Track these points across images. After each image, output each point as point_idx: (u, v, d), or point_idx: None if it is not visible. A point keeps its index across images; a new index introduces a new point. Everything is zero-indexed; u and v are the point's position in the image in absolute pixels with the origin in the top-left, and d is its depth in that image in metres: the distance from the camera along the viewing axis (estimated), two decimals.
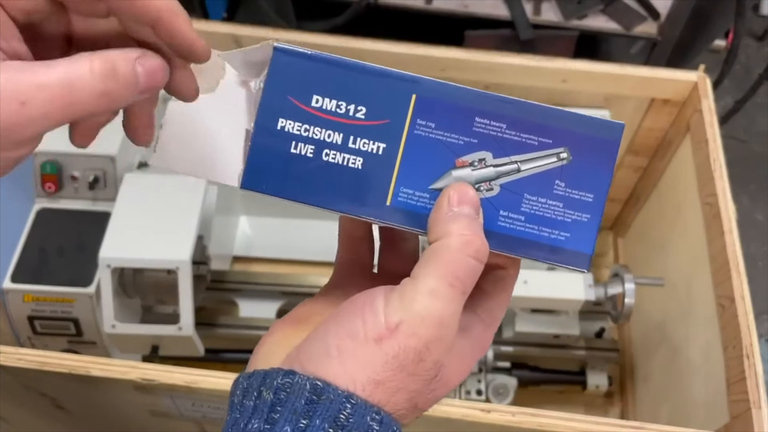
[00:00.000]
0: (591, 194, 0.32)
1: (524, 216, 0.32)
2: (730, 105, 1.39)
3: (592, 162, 0.32)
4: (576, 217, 0.32)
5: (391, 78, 0.31)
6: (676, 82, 0.90)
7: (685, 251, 0.89)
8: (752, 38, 1.93)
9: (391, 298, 0.29)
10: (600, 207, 0.32)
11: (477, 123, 0.32)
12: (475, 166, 0.31)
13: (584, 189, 0.32)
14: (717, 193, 0.79)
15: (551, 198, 0.32)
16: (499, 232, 0.32)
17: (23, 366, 0.65)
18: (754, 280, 0.74)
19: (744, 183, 1.64)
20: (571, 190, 0.32)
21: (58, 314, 0.88)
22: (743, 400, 0.66)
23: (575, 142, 0.32)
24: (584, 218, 0.32)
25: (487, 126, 0.32)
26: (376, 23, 1.06)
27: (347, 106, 0.32)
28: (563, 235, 0.32)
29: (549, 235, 0.32)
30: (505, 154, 0.32)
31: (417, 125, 0.31)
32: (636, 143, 1.01)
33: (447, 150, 0.32)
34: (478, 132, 0.32)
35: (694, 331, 0.83)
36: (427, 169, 0.31)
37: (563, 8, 1.13)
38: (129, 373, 0.65)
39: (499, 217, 0.32)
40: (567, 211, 0.32)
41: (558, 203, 0.32)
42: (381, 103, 0.31)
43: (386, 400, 0.28)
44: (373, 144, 0.32)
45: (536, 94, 0.92)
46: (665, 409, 0.90)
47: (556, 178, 0.32)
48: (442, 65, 0.90)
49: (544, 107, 0.32)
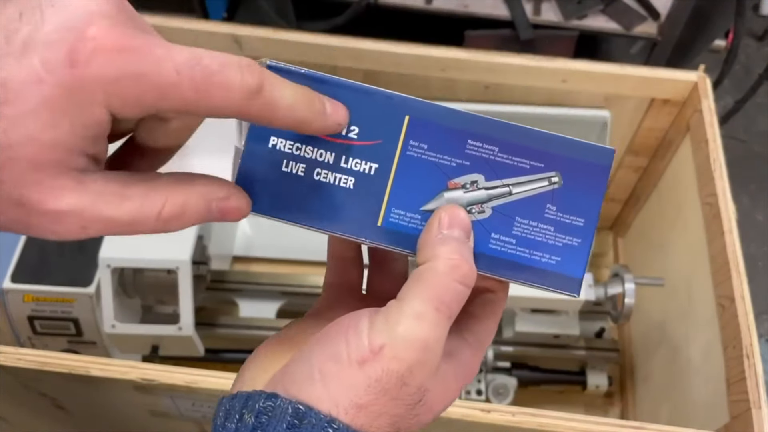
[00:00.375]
0: (582, 219, 0.32)
1: (515, 239, 0.32)
2: (730, 105, 1.39)
3: (583, 187, 0.32)
4: (567, 241, 0.32)
5: (384, 98, 0.31)
6: (676, 82, 0.90)
7: (685, 251, 0.89)
8: (752, 38, 1.93)
9: (375, 320, 0.29)
10: (591, 231, 0.32)
11: (469, 145, 0.32)
12: (467, 188, 0.32)
13: (575, 213, 0.32)
14: (717, 193, 0.79)
15: (542, 221, 0.32)
16: (491, 254, 0.32)
17: (23, 366, 0.65)
18: (754, 280, 0.74)
19: (744, 183, 1.64)
20: (562, 214, 0.32)
21: (58, 314, 0.88)
22: (743, 400, 0.66)
23: (567, 167, 0.32)
24: (575, 242, 0.32)
25: (480, 149, 0.32)
26: (376, 23, 1.06)
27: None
28: (554, 258, 0.32)
29: (540, 258, 0.32)
30: (497, 177, 0.32)
31: (410, 146, 0.31)
32: (636, 143, 1.01)
33: (439, 171, 0.32)
34: (471, 154, 0.32)
35: (694, 331, 0.83)
36: (418, 190, 0.31)
37: (563, 8, 1.13)
38: (129, 373, 0.65)
39: (490, 239, 0.32)
40: (558, 235, 0.32)
41: (549, 227, 0.32)
42: (374, 123, 0.31)
43: (369, 424, 0.28)
44: (366, 164, 0.31)
45: (536, 94, 0.92)
46: (665, 409, 0.90)
47: (547, 202, 0.32)
48: (442, 65, 0.90)
49: (536, 132, 0.32)
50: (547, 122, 0.94)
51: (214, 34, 0.91)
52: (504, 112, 0.93)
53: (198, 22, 0.92)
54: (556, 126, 0.95)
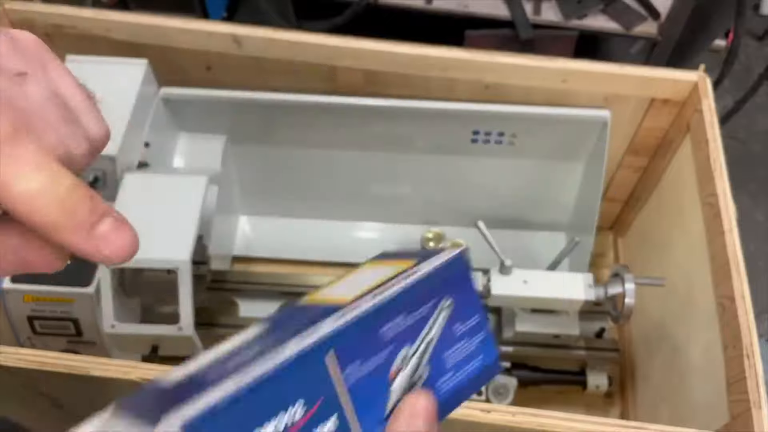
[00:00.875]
0: (476, 315, 0.36)
1: (453, 370, 0.35)
2: (731, 105, 1.39)
3: (462, 292, 0.35)
4: (478, 339, 0.36)
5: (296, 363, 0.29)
6: (676, 82, 0.90)
7: (685, 251, 0.89)
8: (752, 38, 1.93)
9: None
10: (485, 319, 0.36)
11: (384, 332, 0.32)
12: (403, 367, 0.33)
13: (471, 315, 0.36)
14: (717, 193, 0.79)
15: (458, 341, 0.35)
16: (446, 398, 0.34)
17: (23, 366, 0.65)
18: (754, 279, 0.74)
19: (744, 183, 1.64)
20: (465, 324, 0.35)
21: (57, 314, 0.88)
22: (743, 400, 0.66)
23: (448, 289, 0.35)
24: (482, 336, 0.36)
25: (392, 328, 0.33)
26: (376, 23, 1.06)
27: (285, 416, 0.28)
28: (479, 359, 0.36)
29: (471, 368, 0.35)
30: (416, 337, 0.33)
31: (347, 375, 0.31)
32: (636, 143, 1.01)
33: (378, 373, 0.32)
34: (389, 338, 0.33)
35: (694, 331, 0.83)
36: (377, 402, 0.32)
37: (563, 8, 1.13)
38: (129, 372, 0.65)
39: (440, 386, 0.34)
40: (472, 340, 0.36)
41: (464, 340, 0.35)
42: (306, 386, 0.29)
43: None
44: (327, 423, 0.30)
45: (536, 94, 0.92)
46: (665, 409, 0.90)
47: (453, 324, 0.35)
48: (442, 65, 0.90)
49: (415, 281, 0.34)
50: (547, 122, 0.94)
51: (214, 34, 0.91)
52: (504, 111, 0.93)
53: (198, 22, 0.92)
54: (556, 126, 0.95)
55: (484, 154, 1.00)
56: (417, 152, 1.00)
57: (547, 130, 0.96)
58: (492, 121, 0.95)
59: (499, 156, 1.00)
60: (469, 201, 1.07)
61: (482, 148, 0.99)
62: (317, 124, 0.97)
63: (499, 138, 0.97)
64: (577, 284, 0.89)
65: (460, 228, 1.03)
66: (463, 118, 0.95)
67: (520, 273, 0.90)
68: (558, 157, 1.01)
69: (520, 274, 0.90)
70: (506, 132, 0.97)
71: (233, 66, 0.93)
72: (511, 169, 1.02)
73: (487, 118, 0.95)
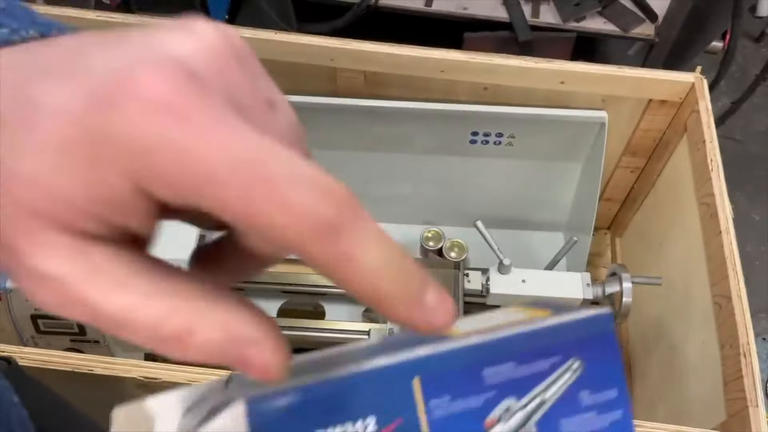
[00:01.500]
0: (614, 389, 0.31)
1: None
2: (727, 106, 1.40)
3: (601, 358, 0.31)
4: (611, 418, 0.31)
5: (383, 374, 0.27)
6: (673, 83, 0.91)
7: (682, 251, 0.90)
8: (749, 39, 1.94)
9: None
10: (626, 398, 0.31)
11: (487, 375, 0.29)
12: (504, 419, 0.29)
13: (606, 387, 0.31)
14: (714, 193, 0.80)
15: (583, 412, 0.30)
16: None
17: (26, 365, 0.66)
18: (750, 279, 0.74)
19: (741, 183, 1.65)
20: (596, 395, 0.31)
21: None
22: (740, 399, 0.67)
23: (579, 349, 0.30)
24: (618, 415, 0.31)
25: (497, 373, 0.29)
26: (376, 25, 1.07)
27: (354, 426, 0.27)
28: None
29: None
30: (527, 392, 0.29)
31: (432, 408, 0.28)
32: (633, 144, 1.02)
33: (471, 417, 0.29)
34: (492, 384, 0.29)
35: (691, 330, 0.84)
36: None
37: (561, 10, 1.14)
38: (132, 371, 0.66)
39: None
40: (601, 416, 0.31)
41: (591, 413, 0.30)
42: (385, 402, 0.27)
43: None
44: None
45: (534, 96, 0.93)
46: (662, 408, 0.91)
47: (579, 391, 0.30)
48: (441, 67, 0.91)
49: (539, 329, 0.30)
50: (545, 123, 0.95)
51: None
52: (503, 113, 0.93)
53: None
54: (554, 127, 0.96)
55: (483, 155, 1.00)
56: (417, 152, 1.00)
57: (545, 131, 0.97)
58: (491, 122, 0.96)
59: (497, 156, 1.01)
60: (468, 201, 1.08)
61: (481, 149, 0.99)
62: (318, 125, 0.97)
63: (497, 139, 0.98)
64: (574, 283, 0.90)
65: (460, 228, 1.04)
66: (463, 119, 0.95)
67: (519, 272, 0.90)
68: (556, 157, 1.01)
69: (519, 274, 0.90)
70: (505, 133, 0.98)
71: None
72: (510, 169, 1.03)
73: (486, 119, 0.95)
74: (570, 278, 0.91)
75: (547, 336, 0.30)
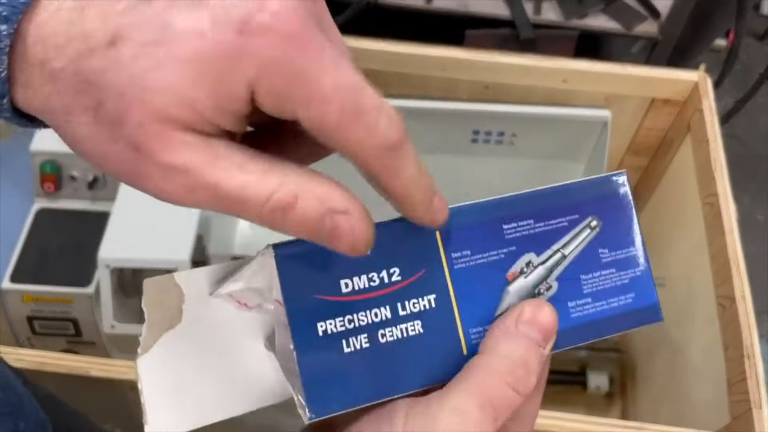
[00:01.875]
0: (632, 247, 0.32)
1: (590, 297, 0.31)
2: (731, 105, 1.39)
3: (618, 217, 0.32)
4: (632, 275, 0.31)
5: (406, 224, 0.28)
6: (676, 81, 0.90)
7: (685, 251, 0.89)
8: (753, 38, 1.93)
9: (412, 413, 0.26)
10: (645, 256, 0.32)
11: (506, 230, 0.30)
12: (525, 272, 0.30)
13: (625, 246, 0.32)
14: (718, 193, 0.79)
15: (603, 268, 0.31)
16: (576, 324, 0.30)
17: (23, 366, 0.65)
18: (754, 279, 0.74)
19: (745, 183, 1.64)
20: (615, 253, 0.31)
21: (57, 314, 0.88)
22: (744, 401, 0.66)
23: (596, 208, 0.31)
24: (638, 272, 0.32)
25: (517, 228, 0.30)
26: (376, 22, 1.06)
27: (379, 275, 0.28)
28: (629, 297, 0.31)
29: (618, 304, 0.31)
30: (547, 248, 0.30)
31: (454, 260, 0.29)
32: (636, 143, 1.01)
33: (493, 270, 0.30)
34: (512, 238, 0.30)
35: (694, 332, 0.83)
36: (484, 298, 0.29)
37: (564, 7, 1.13)
38: (128, 373, 0.65)
39: (569, 310, 0.30)
40: (621, 274, 0.31)
41: (611, 270, 0.31)
42: (409, 256, 0.28)
43: None
44: (423, 300, 0.28)
45: (536, 94, 0.92)
46: (666, 410, 0.90)
47: (598, 248, 0.31)
48: (442, 64, 0.90)
49: (556, 188, 0.31)
50: (547, 122, 0.94)
51: None
52: (504, 111, 0.93)
53: None
54: (556, 126, 0.95)
55: (485, 154, 1.00)
56: (417, 151, 0.99)
57: (547, 130, 0.96)
58: (492, 120, 0.95)
59: (499, 156, 1.00)
60: (469, 201, 1.07)
61: (482, 148, 0.99)
62: None
63: (499, 138, 0.97)
64: None
65: None
66: (464, 117, 0.94)
67: None
68: (558, 156, 1.01)
69: None
70: (506, 132, 0.97)
71: None
72: (512, 168, 1.02)
73: (487, 117, 0.95)
74: None
75: (565, 194, 0.31)
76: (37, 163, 0.91)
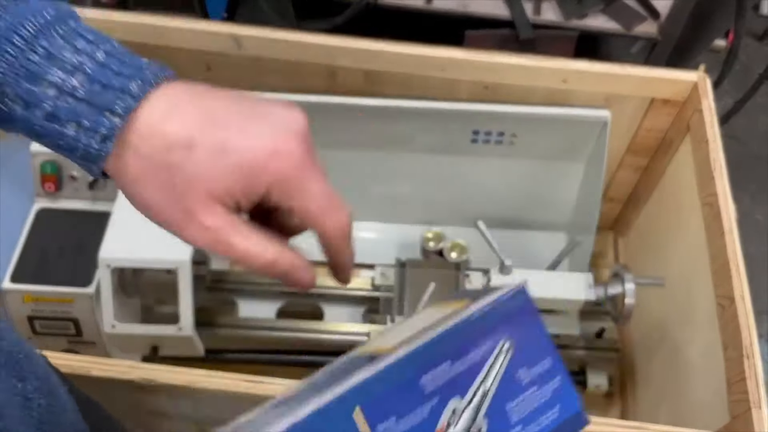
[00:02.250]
0: (547, 357, 0.32)
1: (521, 424, 0.30)
2: (730, 105, 1.39)
3: (525, 332, 0.31)
4: (552, 387, 0.31)
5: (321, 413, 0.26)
6: (676, 82, 0.90)
7: (685, 251, 0.89)
8: (752, 38, 1.92)
9: None
10: (560, 362, 0.32)
11: (424, 383, 0.29)
12: (453, 422, 0.29)
13: (540, 358, 0.31)
14: (717, 193, 0.79)
15: (525, 390, 0.31)
16: None
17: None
18: (754, 280, 0.74)
19: (744, 183, 1.64)
20: (532, 370, 0.31)
21: (57, 314, 0.88)
22: (743, 400, 0.66)
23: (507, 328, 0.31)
24: (557, 383, 0.32)
25: (435, 378, 0.29)
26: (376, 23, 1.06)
27: None
28: (555, 411, 0.31)
29: (547, 421, 0.31)
30: (468, 386, 0.30)
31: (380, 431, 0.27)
32: (636, 143, 1.01)
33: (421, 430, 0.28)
34: (433, 390, 0.29)
35: (694, 331, 0.83)
36: None
37: (563, 8, 1.13)
38: (129, 373, 0.65)
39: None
40: (543, 389, 0.31)
41: (533, 389, 0.31)
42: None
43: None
44: None
45: (536, 94, 0.92)
46: (665, 409, 0.90)
47: (517, 370, 0.31)
48: (441, 65, 0.90)
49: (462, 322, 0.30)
50: (547, 122, 0.94)
51: (214, 33, 0.91)
52: (504, 111, 0.93)
53: (198, 21, 0.92)
54: (556, 126, 0.95)
55: (484, 154, 1.00)
56: (417, 152, 1.00)
57: (547, 130, 0.96)
58: (492, 120, 0.95)
59: (499, 156, 1.00)
60: (469, 201, 1.07)
61: (482, 148, 0.99)
62: (317, 124, 0.96)
63: (499, 138, 0.97)
64: (577, 284, 0.90)
65: (460, 228, 1.03)
66: (463, 117, 0.94)
67: (521, 273, 0.90)
68: (558, 157, 1.01)
69: (521, 274, 0.90)
70: (506, 132, 0.97)
71: (233, 66, 0.93)
72: (512, 169, 1.02)
73: (487, 117, 0.95)
74: (572, 279, 0.90)
75: (472, 325, 0.30)
76: (37, 163, 0.91)
